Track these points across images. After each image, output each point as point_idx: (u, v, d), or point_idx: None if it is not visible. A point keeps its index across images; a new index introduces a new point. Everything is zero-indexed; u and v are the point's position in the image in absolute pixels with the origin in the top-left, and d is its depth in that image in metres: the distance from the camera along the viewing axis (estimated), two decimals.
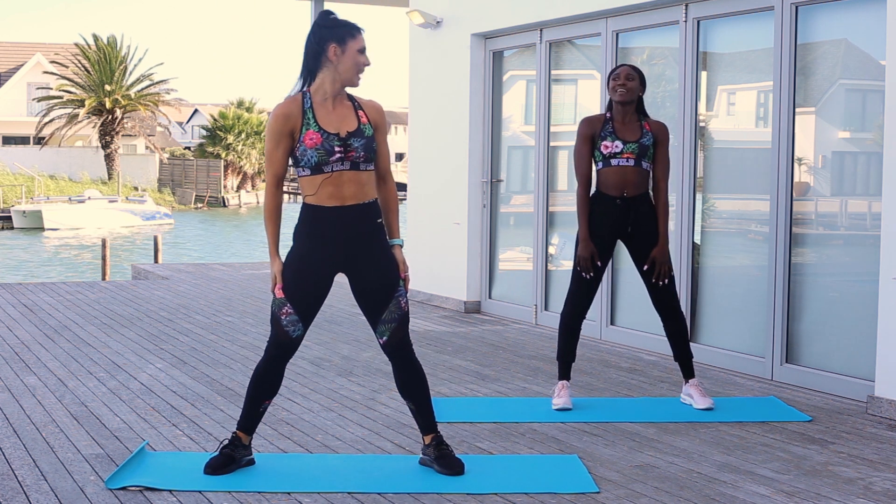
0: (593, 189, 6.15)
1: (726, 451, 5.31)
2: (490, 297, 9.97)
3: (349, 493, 4.57)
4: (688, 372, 6.21)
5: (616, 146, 5.99)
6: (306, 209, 4.71)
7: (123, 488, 4.56)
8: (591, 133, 6.06)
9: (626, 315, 8.33)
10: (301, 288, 4.71)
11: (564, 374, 6.20)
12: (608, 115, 6.10)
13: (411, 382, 4.84)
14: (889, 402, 6.02)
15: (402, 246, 4.82)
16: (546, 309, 9.21)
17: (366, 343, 8.24)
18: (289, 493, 4.55)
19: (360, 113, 4.72)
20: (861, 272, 6.63)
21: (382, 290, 4.74)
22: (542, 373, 7.21)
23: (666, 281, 6.07)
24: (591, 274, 6.06)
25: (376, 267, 4.74)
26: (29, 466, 4.88)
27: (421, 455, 4.95)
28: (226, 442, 4.85)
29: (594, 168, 6.11)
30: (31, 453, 5.10)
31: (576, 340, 6.21)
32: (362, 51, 4.69)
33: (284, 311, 4.72)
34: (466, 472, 4.82)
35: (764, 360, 7.09)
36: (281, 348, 4.78)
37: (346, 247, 4.70)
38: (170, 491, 4.55)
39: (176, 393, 6.44)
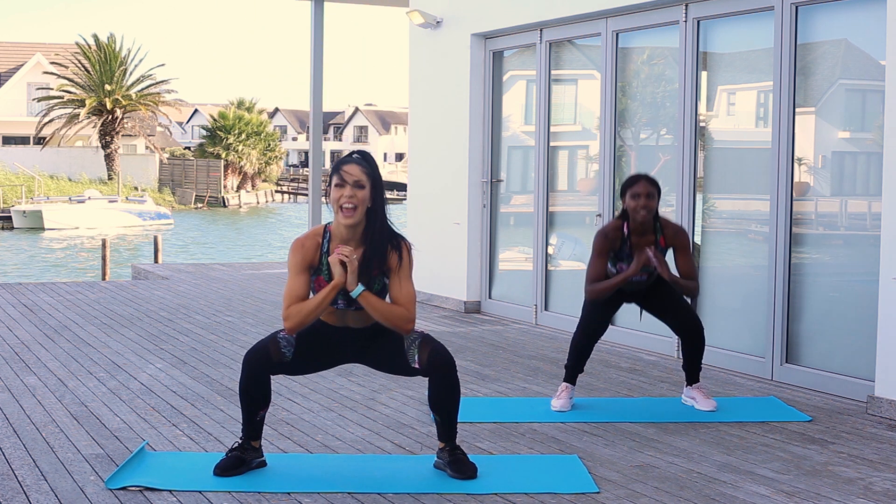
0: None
1: (726, 451, 5.31)
2: (490, 297, 9.97)
3: (349, 493, 4.57)
4: (693, 378, 6.20)
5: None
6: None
7: (123, 488, 4.56)
8: (608, 249, 5.99)
9: (626, 315, 8.33)
10: (311, 342, 4.74)
11: (569, 378, 6.20)
12: (625, 230, 5.97)
13: (443, 399, 4.74)
14: (889, 402, 6.02)
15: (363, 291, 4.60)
16: (546, 309, 9.21)
17: None
18: (289, 493, 4.55)
19: (374, 263, 4.61)
20: (861, 272, 6.63)
21: (394, 346, 4.73)
22: (542, 373, 7.21)
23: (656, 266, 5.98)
24: (655, 267, 5.94)
25: (383, 347, 4.76)
26: (29, 466, 4.88)
27: (436, 458, 4.92)
28: (235, 444, 4.84)
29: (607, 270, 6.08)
30: (31, 453, 5.10)
31: (586, 358, 6.24)
32: (339, 185, 4.54)
33: (286, 333, 4.73)
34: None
35: (764, 360, 7.09)
36: (263, 358, 4.68)
37: (351, 351, 4.80)
38: (170, 491, 4.55)
39: (176, 393, 6.44)
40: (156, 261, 24.03)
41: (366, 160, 4.63)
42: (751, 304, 7.27)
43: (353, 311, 4.67)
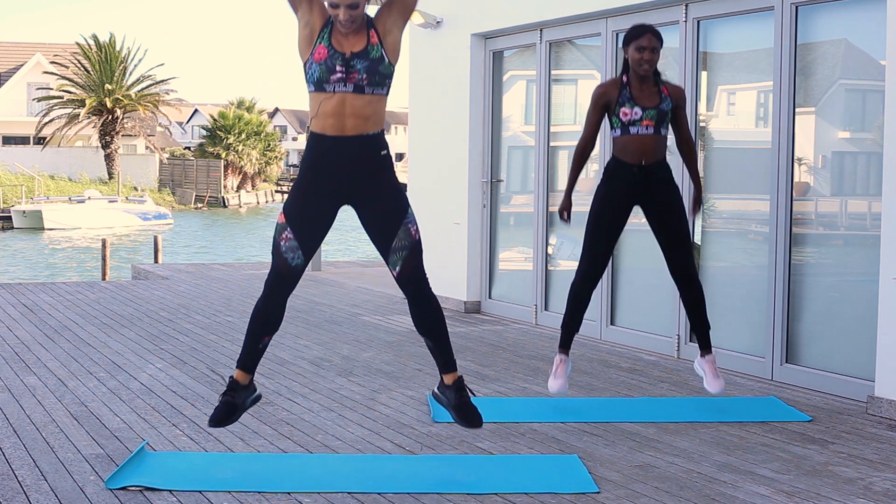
0: (610, 155, 6.05)
1: (726, 451, 5.31)
2: (490, 297, 9.97)
3: (349, 493, 4.57)
4: (704, 344, 6.11)
5: (635, 113, 5.83)
6: (310, 137, 4.66)
7: (123, 488, 4.56)
8: (606, 102, 5.90)
9: (626, 315, 8.33)
10: (302, 214, 4.65)
11: (565, 343, 6.11)
12: (624, 78, 5.91)
13: (427, 317, 4.74)
14: (889, 402, 6.02)
15: None
16: (546, 309, 9.21)
17: (366, 343, 8.24)
18: (289, 493, 4.55)
19: (372, 31, 4.62)
20: (861, 272, 6.63)
21: (390, 217, 4.66)
22: (542, 373, 7.21)
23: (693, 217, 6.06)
24: (567, 221, 6.10)
25: (382, 195, 4.66)
26: (29, 466, 4.88)
27: (436, 391, 4.85)
28: (224, 389, 4.76)
29: (612, 135, 5.97)
30: (31, 453, 5.10)
31: (583, 309, 6.11)
32: (333, 5, 4.56)
33: (284, 235, 4.65)
34: (467, 472, 4.83)
35: (764, 360, 7.09)
36: (280, 277, 4.68)
37: (348, 179, 4.64)
38: (170, 491, 4.55)
39: (176, 393, 6.44)
40: (156, 261, 24.02)
41: None
42: (751, 304, 7.26)
43: (351, 93, 4.56)
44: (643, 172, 5.91)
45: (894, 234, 6.03)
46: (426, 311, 4.76)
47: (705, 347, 6.13)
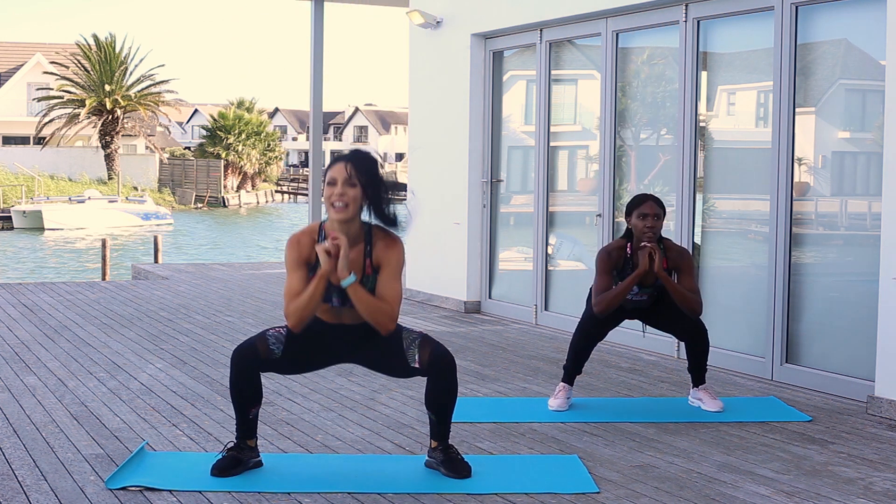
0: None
1: (726, 451, 5.31)
2: (490, 297, 9.97)
3: (349, 493, 4.57)
4: (699, 380, 6.19)
5: (633, 291, 5.98)
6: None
7: (123, 488, 4.56)
8: (612, 267, 5.97)
9: None
10: (303, 341, 4.69)
11: (567, 379, 6.19)
12: (628, 249, 5.96)
13: (441, 399, 4.72)
14: (889, 402, 6.02)
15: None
16: (546, 309, 9.21)
17: None
18: (289, 493, 4.55)
19: (368, 262, 4.59)
20: (861, 272, 6.63)
21: (390, 344, 4.69)
22: (542, 373, 7.21)
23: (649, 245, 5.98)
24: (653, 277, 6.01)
25: (378, 348, 4.72)
26: (29, 466, 4.88)
27: (427, 458, 4.92)
28: (231, 444, 4.83)
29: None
30: (31, 453, 5.09)
31: (584, 360, 6.22)
32: (331, 183, 4.54)
33: (278, 328, 4.71)
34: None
35: (764, 360, 7.09)
36: (252, 354, 4.65)
37: (347, 348, 4.75)
38: (170, 491, 4.55)
39: (176, 393, 6.44)
40: (156, 261, 24.03)
41: (360, 159, 4.58)
42: (751, 304, 7.27)
43: (348, 308, 4.63)
44: (634, 309, 6.16)
45: (894, 234, 6.03)
46: (445, 394, 4.72)
47: (700, 382, 6.20)
